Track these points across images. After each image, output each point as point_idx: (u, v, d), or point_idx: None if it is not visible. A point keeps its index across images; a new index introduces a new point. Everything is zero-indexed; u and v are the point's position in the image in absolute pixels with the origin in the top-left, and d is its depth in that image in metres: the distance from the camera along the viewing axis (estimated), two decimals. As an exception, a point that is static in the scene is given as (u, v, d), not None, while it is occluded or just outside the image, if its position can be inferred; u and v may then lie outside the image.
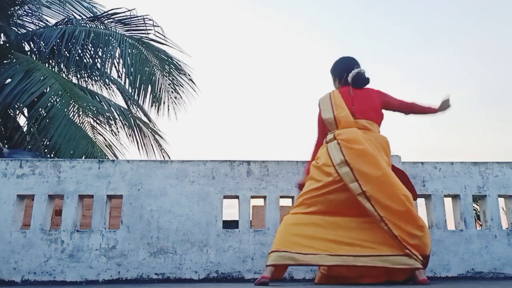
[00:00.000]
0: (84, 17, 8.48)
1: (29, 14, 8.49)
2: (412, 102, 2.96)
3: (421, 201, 3.43)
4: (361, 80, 2.95)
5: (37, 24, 8.56)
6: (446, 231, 3.28)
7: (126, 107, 8.75)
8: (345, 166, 2.59)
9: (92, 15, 8.55)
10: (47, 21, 8.59)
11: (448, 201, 3.43)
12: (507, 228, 3.40)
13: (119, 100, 8.86)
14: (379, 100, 2.92)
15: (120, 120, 8.12)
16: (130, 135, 8.31)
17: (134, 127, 8.33)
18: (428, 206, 3.41)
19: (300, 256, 2.51)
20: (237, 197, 3.34)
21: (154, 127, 8.87)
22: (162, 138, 8.94)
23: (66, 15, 8.41)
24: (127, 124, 8.13)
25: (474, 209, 3.65)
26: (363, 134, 2.71)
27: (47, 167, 3.31)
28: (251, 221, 3.37)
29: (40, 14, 8.50)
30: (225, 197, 3.35)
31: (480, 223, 3.59)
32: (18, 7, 8.31)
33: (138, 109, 8.78)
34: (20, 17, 8.46)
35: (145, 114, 8.78)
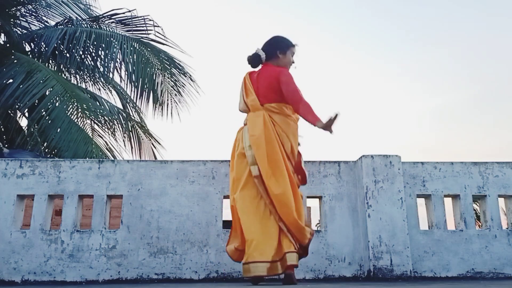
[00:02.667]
0: (84, 17, 8.49)
1: (31, 15, 8.50)
2: (298, 100, 2.72)
3: (421, 201, 3.44)
4: (251, 60, 2.95)
5: (38, 24, 8.58)
6: (446, 231, 3.28)
7: (125, 110, 8.75)
8: (250, 149, 2.72)
9: (92, 15, 8.54)
10: (47, 22, 8.60)
11: (448, 201, 3.43)
12: (507, 228, 3.40)
13: (118, 103, 8.87)
14: (278, 80, 2.80)
15: (118, 123, 8.11)
16: (124, 138, 8.31)
17: (131, 132, 8.33)
18: (428, 206, 3.40)
19: None
20: (237, 197, 3.34)
21: (152, 134, 8.87)
22: (159, 143, 8.96)
23: (67, 16, 8.40)
24: (124, 127, 8.12)
25: (474, 209, 3.64)
26: (269, 118, 2.76)
27: (47, 167, 3.31)
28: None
29: (41, 15, 8.52)
30: (225, 197, 3.34)
31: (480, 223, 3.59)
32: (20, 7, 8.32)
33: (137, 112, 8.78)
34: (22, 17, 8.47)
35: (141, 118, 8.77)
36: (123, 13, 8.15)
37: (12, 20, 8.05)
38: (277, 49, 2.93)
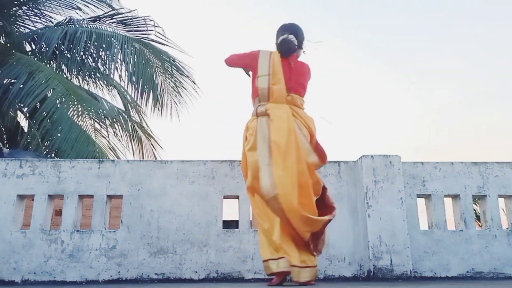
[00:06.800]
0: (86, 16, 8.46)
1: (31, 14, 8.48)
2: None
3: (421, 201, 3.44)
4: (289, 48, 2.79)
5: (39, 23, 8.56)
6: (446, 231, 3.28)
7: (126, 111, 8.75)
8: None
9: (99, 3, 8.46)
10: (50, 17, 8.55)
11: (448, 201, 3.43)
12: (507, 228, 3.39)
13: (119, 104, 8.87)
14: (308, 78, 2.86)
15: (119, 124, 8.11)
16: (126, 138, 8.32)
17: (132, 132, 8.33)
18: (428, 206, 3.40)
19: None
20: (237, 197, 3.35)
21: (151, 134, 8.87)
22: (158, 144, 8.97)
23: (69, 14, 8.38)
24: (125, 128, 8.12)
25: (474, 209, 3.64)
26: (291, 111, 2.68)
27: (47, 167, 3.31)
28: (251, 221, 3.37)
29: (43, 13, 8.48)
30: (225, 197, 3.35)
31: (480, 223, 3.59)
32: (22, 6, 8.31)
33: (137, 113, 8.77)
34: (22, 17, 8.45)
35: (141, 118, 8.77)
36: (124, 13, 8.16)
37: (12, 19, 8.03)
38: (302, 42, 2.85)
